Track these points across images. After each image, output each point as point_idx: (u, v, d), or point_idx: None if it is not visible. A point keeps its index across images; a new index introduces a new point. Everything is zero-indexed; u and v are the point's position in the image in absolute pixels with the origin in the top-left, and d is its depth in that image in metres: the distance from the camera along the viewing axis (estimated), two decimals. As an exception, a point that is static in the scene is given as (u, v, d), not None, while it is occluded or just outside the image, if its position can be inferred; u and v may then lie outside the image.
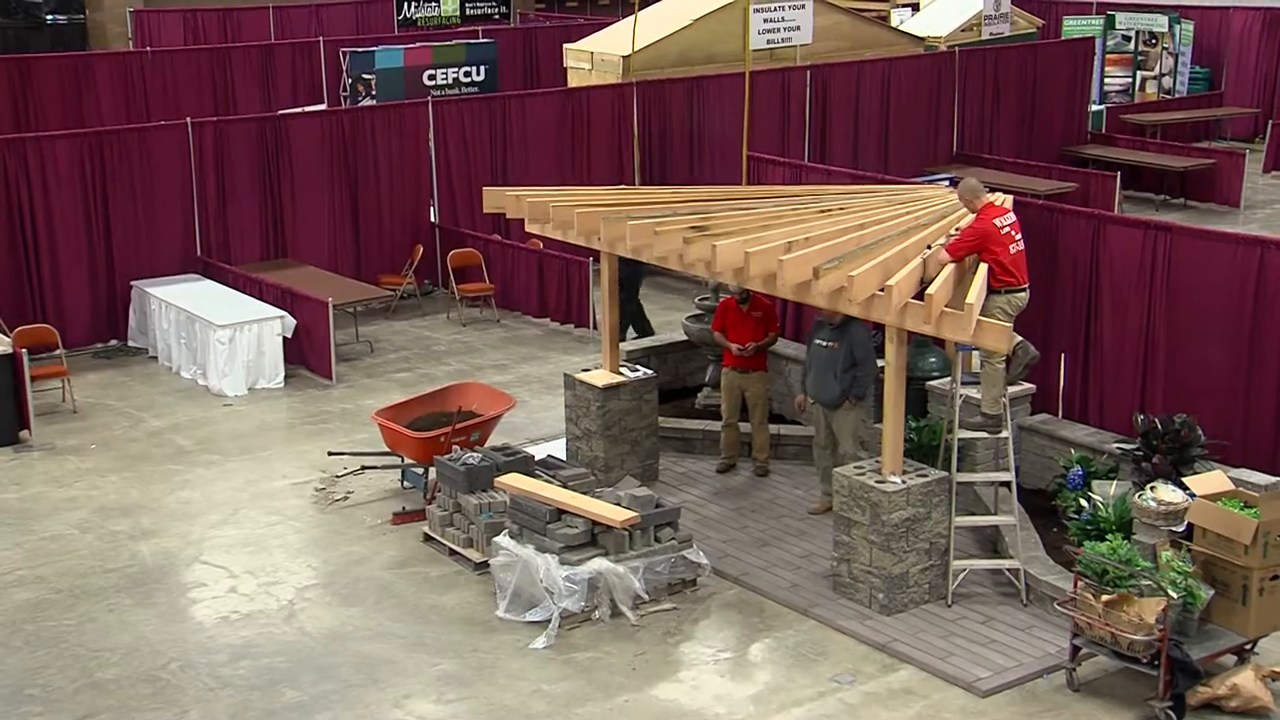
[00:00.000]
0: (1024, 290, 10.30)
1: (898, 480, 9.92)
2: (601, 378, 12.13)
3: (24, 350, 13.66)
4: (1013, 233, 10.29)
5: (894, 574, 9.92)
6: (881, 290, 9.41)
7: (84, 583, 10.74)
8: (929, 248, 10.10)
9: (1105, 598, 8.78)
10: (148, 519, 11.89)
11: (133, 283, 16.43)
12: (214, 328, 14.88)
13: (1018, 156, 21.86)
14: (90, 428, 14.05)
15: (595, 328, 16.53)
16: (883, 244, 10.12)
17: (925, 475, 10.04)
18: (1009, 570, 10.26)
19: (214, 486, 12.56)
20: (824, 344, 11.22)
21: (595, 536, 10.15)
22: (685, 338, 13.88)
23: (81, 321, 16.31)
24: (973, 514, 10.68)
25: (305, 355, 15.55)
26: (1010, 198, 11.13)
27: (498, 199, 12.11)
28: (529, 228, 12.04)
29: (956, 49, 22.36)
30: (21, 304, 15.88)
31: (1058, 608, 9.29)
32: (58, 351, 14.96)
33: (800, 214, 11.00)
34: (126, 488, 12.55)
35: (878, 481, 9.94)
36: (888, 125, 21.14)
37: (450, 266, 17.65)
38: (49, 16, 29.36)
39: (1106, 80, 27.43)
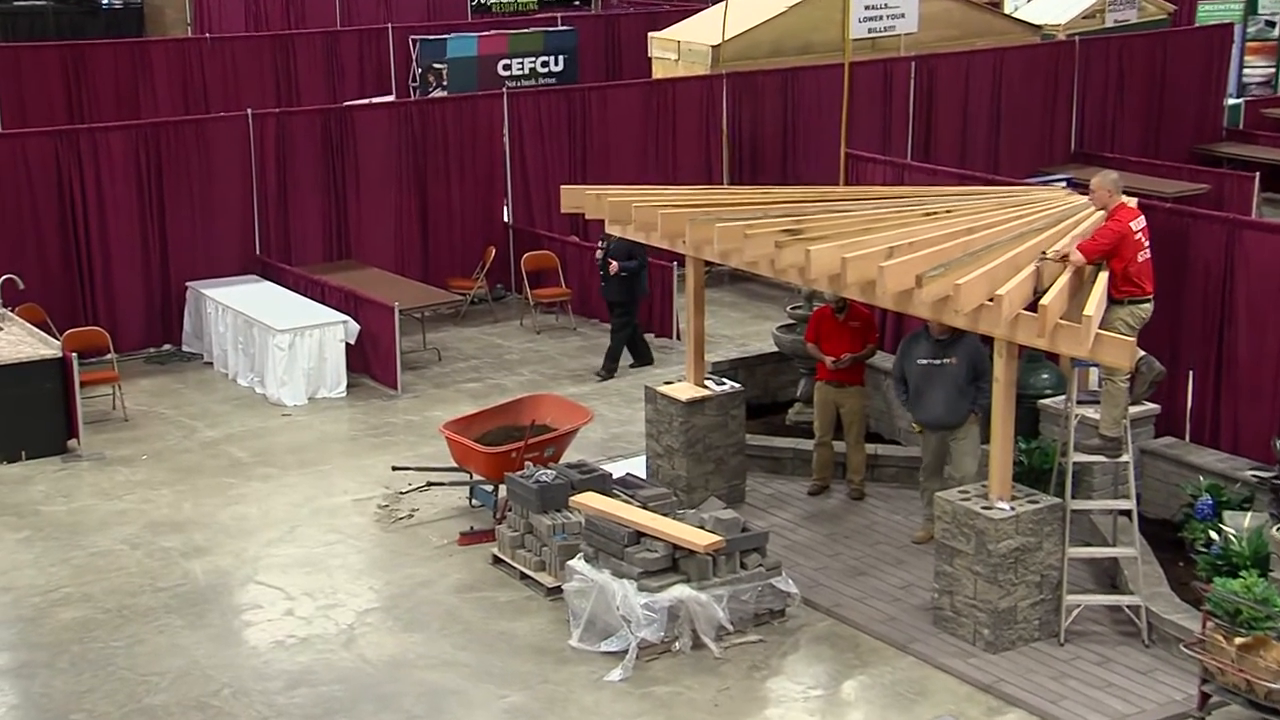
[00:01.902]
0: (1149, 301, 10.18)
1: (1006, 507, 9.83)
2: (685, 391, 12.14)
3: (73, 354, 13.90)
4: (1143, 238, 10.18)
5: (1001, 608, 9.83)
6: (991, 300, 9.34)
7: (133, 602, 10.92)
8: (1044, 254, 10.00)
9: (1239, 640, 8.62)
10: (201, 535, 12.07)
11: (188, 284, 16.70)
12: (273, 333, 15.09)
13: (1143, 155, 21.56)
14: (142, 437, 14.30)
15: (679, 337, 16.53)
16: (992, 250, 10.04)
17: (1036, 502, 9.94)
18: (1129, 607, 10.13)
19: (271, 502, 12.72)
20: (935, 361, 11.04)
21: (676, 561, 10.15)
22: (776, 349, 13.86)
23: (134, 324, 16.60)
24: (1089, 545, 10.56)
25: (369, 363, 15.72)
26: (1134, 200, 10.99)
27: (576, 198, 12.15)
28: (609, 229, 12.08)
29: (1077, 38, 22.13)
30: (72, 305, 16.19)
31: (1184, 650, 9.14)
32: (109, 356, 15.23)
33: (903, 217, 10.94)
34: (179, 502, 12.75)
35: (984, 507, 9.85)
36: (999, 121, 20.97)
37: (524, 270, 17.74)
38: (104, 0, 29.92)
39: (1246, 71, 26.93)
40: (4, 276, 14.91)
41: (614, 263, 15.47)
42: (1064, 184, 14.06)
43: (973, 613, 9.95)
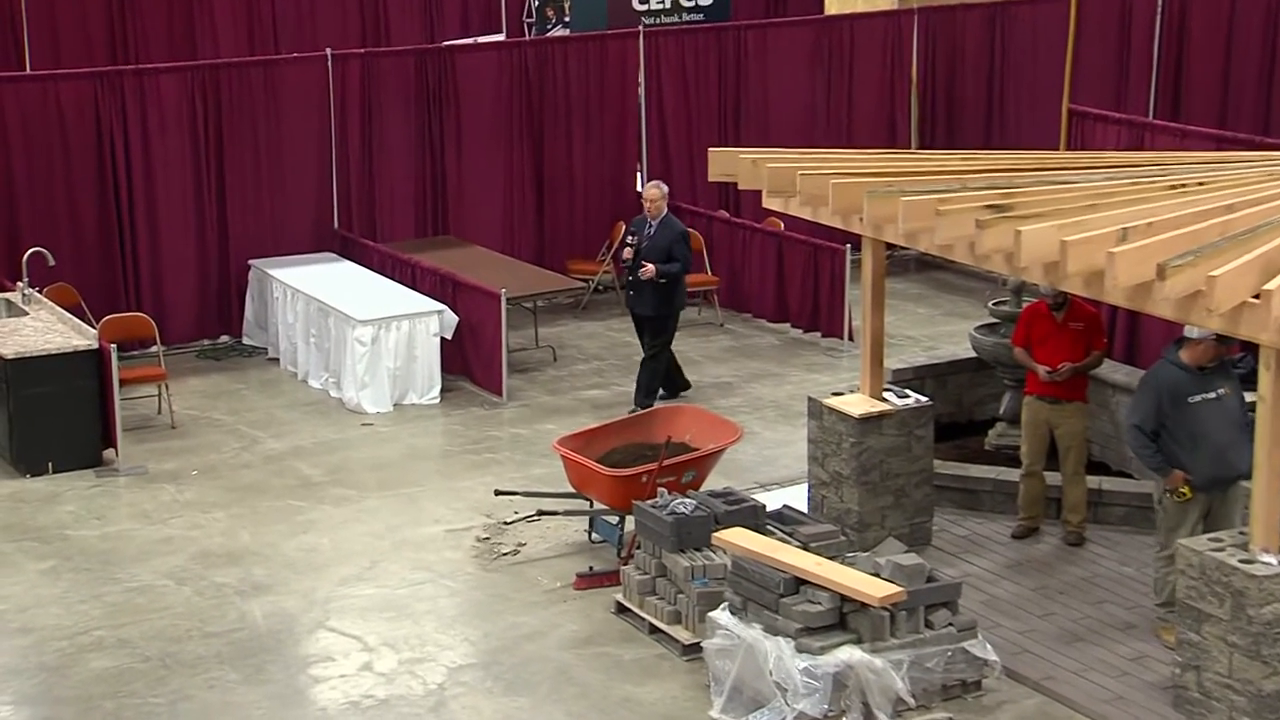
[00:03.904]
0: None
1: (1273, 561, 9.65)
2: (859, 405, 12.08)
3: (112, 346, 14.11)
4: None
5: (1265, 691, 9.65)
6: (1256, 297, 9.17)
7: (178, 650, 11.08)
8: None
9: None
10: (261, 570, 12.24)
11: (251, 262, 16.98)
12: (353, 324, 15.28)
13: None
14: (192, 448, 14.55)
15: (851, 338, 16.47)
16: (1259, 234, 9.85)
17: (1310, 554, 9.74)
18: None
19: (346, 531, 12.87)
20: (1210, 395, 10.72)
21: (845, 617, 10.10)
22: (973, 354, 13.75)
23: (185, 310, 16.92)
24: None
25: (469, 363, 15.86)
26: None
27: (727, 163, 12.13)
28: (767, 202, 12.05)
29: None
30: (111, 286, 16.54)
31: None
32: (154, 349, 15.52)
33: (1141, 190, 10.78)
34: (235, 528, 12.95)
35: (1243, 560, 9.68)
36: (1273, 68, 20.49)
37: (661, 251, 17.79)
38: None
39: None
40: (31, 250, 15.25)
41: (649, 265, 14.68)
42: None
43: (1227, 695, 9.78)
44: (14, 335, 14.17)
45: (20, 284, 15.12)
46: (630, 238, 14.99)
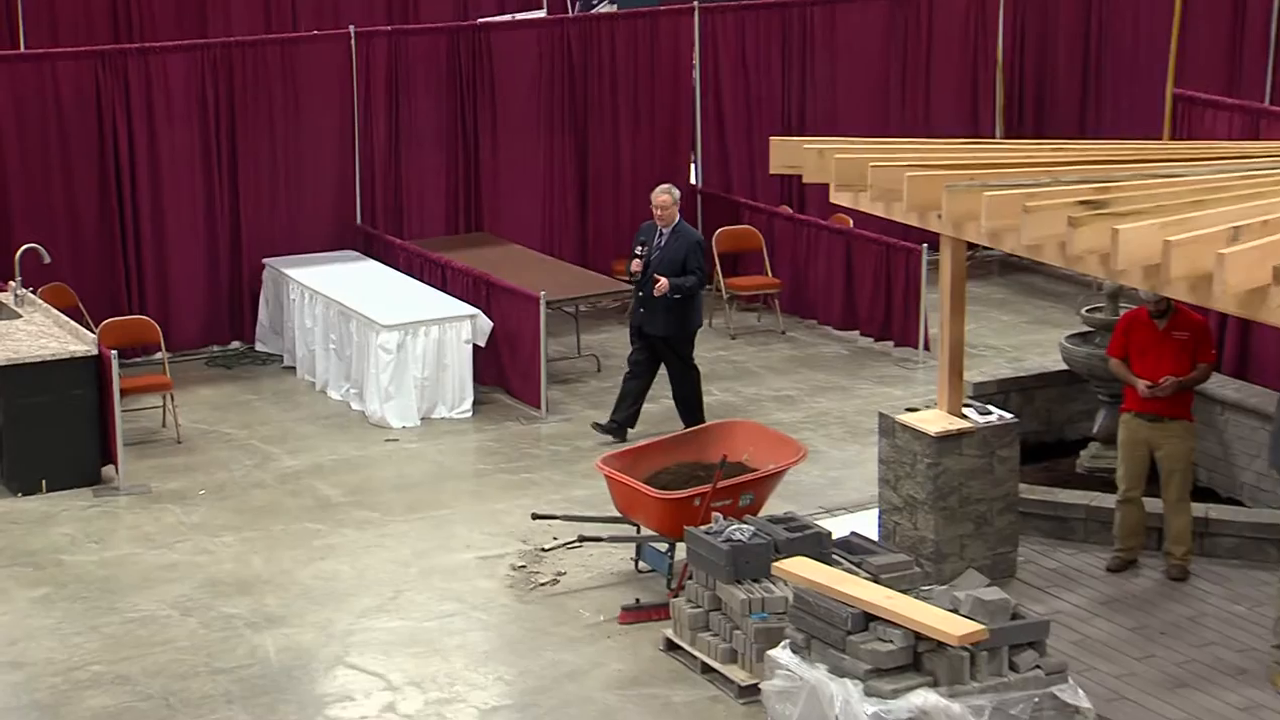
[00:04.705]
0: None
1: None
2: (935, 422, 12.04)
3: (113, 352, 14.13)
4: None
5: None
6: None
7: (183, 687, 11.09)
8: None
9: None
10: (275, 600, 12.26)
11: (265, 261, 17.06)
12: (377, 329, 15.31)
13: None
14: (199, 465, 14.60)
15: (927, 347, 16.43)
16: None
17: None
18: None
19: (369, 557, 12.89)
20: None
21: (919, 657, 10.06)
22: (1064, 367, 13.69)
23: (193, 314, 16.99)
24: None
25: (504, 373, 15.88)
26: None
27: (791, 154, 12.12)
28: (835, 197, 12.03)
29: None
30: (113, 286, 16.63)
31: None
32: (159, 355, 15.60)
33: (1255, 184, 10.72)
34: (247, 554, 12.98)
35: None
36: None
37: (716, 251, 17.79)
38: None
39: None
40: (24, 246, 15.32)
41: (661, 279, 14.45)
42: None
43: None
44: (5, 340, 14.22)
45: (13, 284, 15.19)
46: (640, 248, 14.72)
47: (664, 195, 14.76)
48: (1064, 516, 12.73)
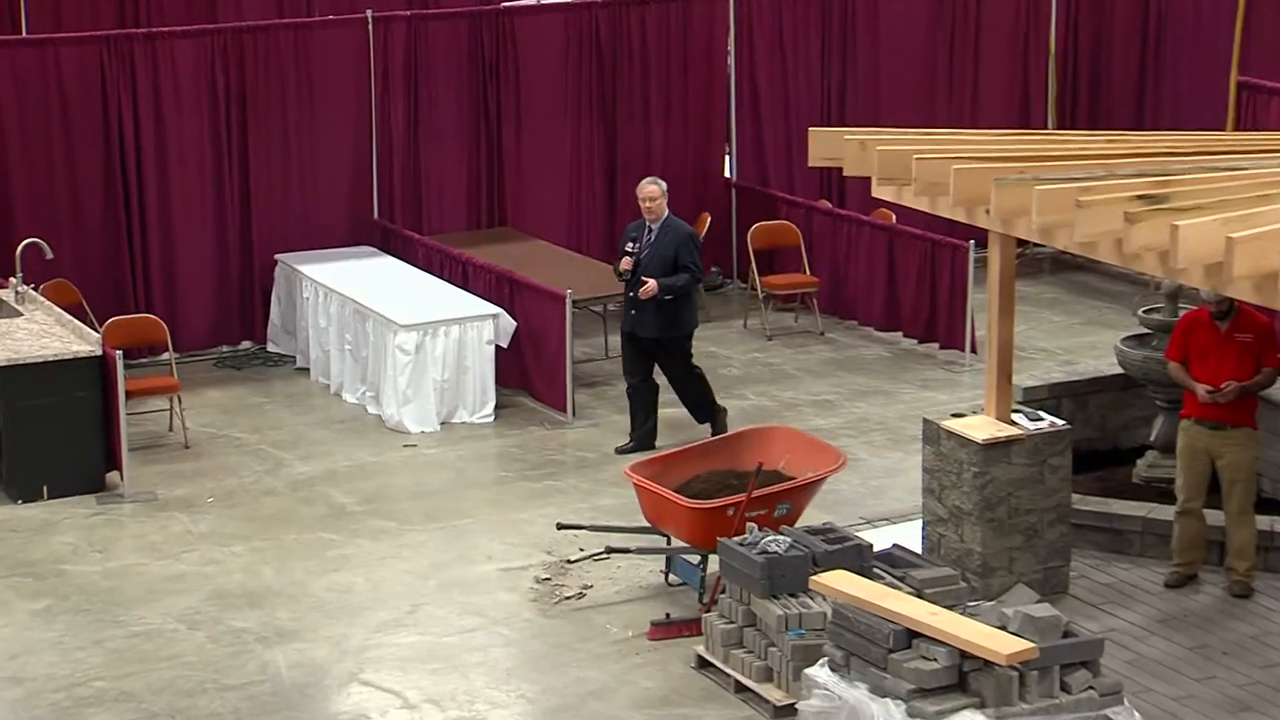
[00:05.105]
0: None
1: None
2: (983, 428, 12.01)
3: (118, 352, 14.15)
4: None
5: None
6: None
7: (190, 705, 11.09)
8: None
9: None
10: (286, 613, 12.27)
11: (278, 257, 17.09)
12: (394, 329, 15.32)
13: None
14: (208, 471, 14.62)
15: (974, 350, 16.39)
16: None
17: None
18: None
19: (385, 569, 12.89)
20: None
21: (965, 677, 10.04)
22: (1120, 370, 13.65)
23: (201, 312, 17.04)
24: None
25: (528, 375, 15.88)
26: None
27: (831, 146, 12.12)
28: (877, 191, 12.02)
29: None
30: (118, 284, 16.68)
31: None
32: (166, 356, 15.63)
33: (1320, 178, 10.69)
34: (257, 564, 12.99)
35: None
36: None
37: (752, 248, 17.79)
38: None
39: None
40: (26, 241, 15.36)
41: (649, 281, 14.35)
42: None
43: None
44: (6, 339, 14.26)
45: (14, 280, 15.24)
46: (630, 245, 14.61)
47: (651, 187, 14.65)
48: (1119, 529, 12.70)
